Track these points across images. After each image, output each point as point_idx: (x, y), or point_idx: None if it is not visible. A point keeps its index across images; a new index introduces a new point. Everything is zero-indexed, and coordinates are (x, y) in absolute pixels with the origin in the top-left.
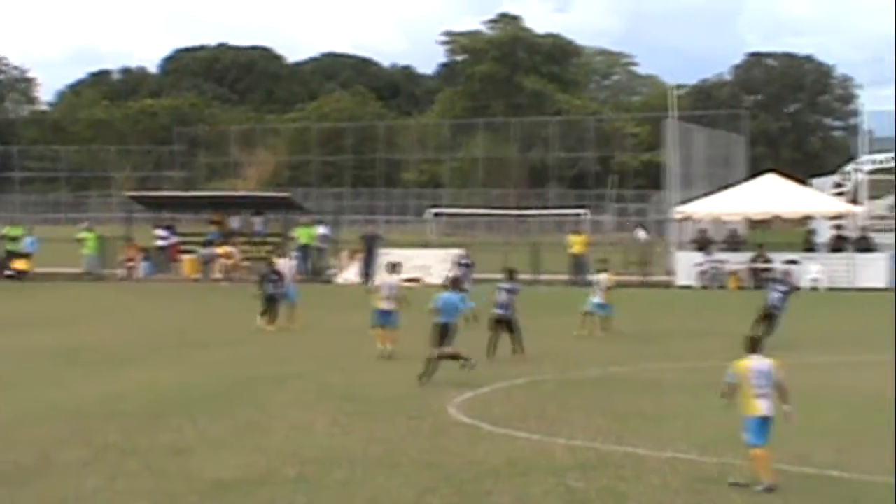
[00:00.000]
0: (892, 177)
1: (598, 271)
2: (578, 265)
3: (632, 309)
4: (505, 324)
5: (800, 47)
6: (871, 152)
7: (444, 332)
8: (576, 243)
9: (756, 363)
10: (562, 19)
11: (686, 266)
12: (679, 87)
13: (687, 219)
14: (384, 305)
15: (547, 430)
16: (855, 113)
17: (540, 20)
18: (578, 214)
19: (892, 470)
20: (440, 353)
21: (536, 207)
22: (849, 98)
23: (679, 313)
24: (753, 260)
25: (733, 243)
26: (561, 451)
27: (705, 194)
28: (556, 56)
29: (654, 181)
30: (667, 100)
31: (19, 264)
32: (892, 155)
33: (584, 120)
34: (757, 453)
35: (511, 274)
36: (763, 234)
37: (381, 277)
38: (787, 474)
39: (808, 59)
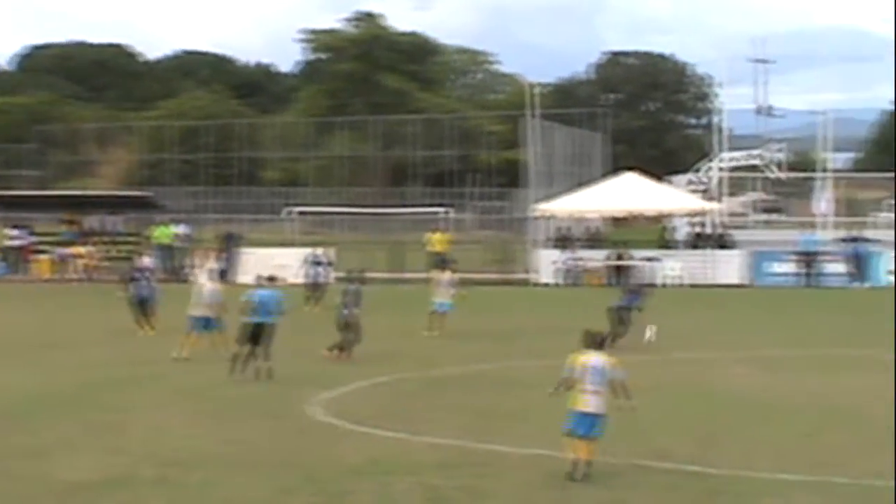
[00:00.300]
0: (749, 174)
1: (442, 270)
2: (439, 264)
3: (493, 307)
4: (351, 325)
5: (659, 46)
6: (729, 150)
7: (257, 333)
8: (437, 241)
9: (593, 360)
10: (422, 17)
11: (546, 264)
12: (539, 85)
13: (547, 217)
14: (202, 312)
15: (408, 428)
16: (712, 111)
17: (400, 18)
18: (439, 213)
19: (742, 462)
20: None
21: (397, 206)
22: (706, 96)
23: (539, 311)
24: (613, 257)
25: (593, 241)
26: (422, 450)
27: (565, 192)
28: (417, 54)
29: (514, 179)
30: (527, 98)
31: None
32: (749, 153)
33: (445, 118)
34: (571, 441)
35: (355, 274)
36: (623, 231)
37: (203, 283)
38: (648, 470)
39: (667, 57)
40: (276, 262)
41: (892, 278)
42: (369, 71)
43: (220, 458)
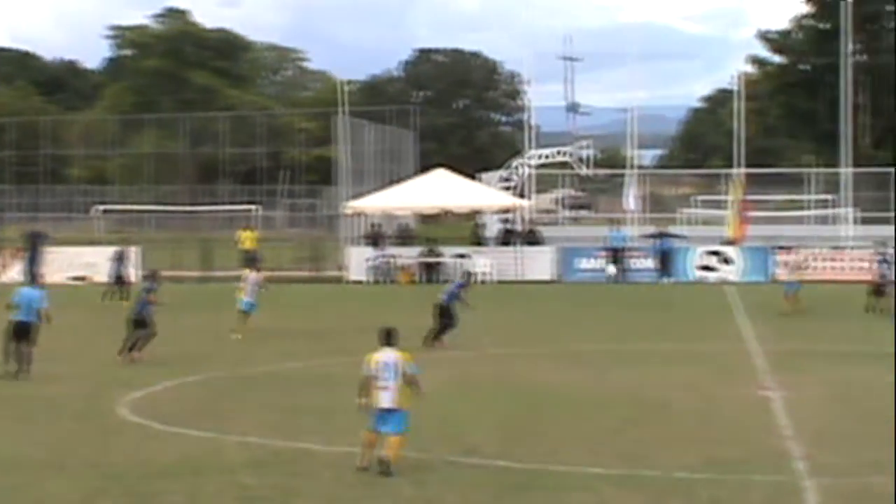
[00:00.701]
0: (558, 171)
1: (249, 269)
2: (249, 261)
3: (304, 304)
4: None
5: (468, 43)
6: (539, 147)
7: (20, 331)
8: (246, 239)
9: (384, 356)
10: (230, 14)
11: (357, 261)
12: (349, 82)
13: (358, 214)
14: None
15: (219, 427)
16: (521, 109)
17: (208, 14)
18: (250, 210)
19: (552, 457)
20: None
21: (207, 203)
22: (516, 94)
23: (351, 308)
24: (424, 254)
25: (404, 238)
26: (233, 449)
27: (376, 189)
28: (226, 51)
29: (325, 176)
30: (337, 95)
31: None
32: (558, 150)
33: (255, 115)
34: (369, 437)
35: (153, 274)
36: (434, 228)
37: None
38: (457, 465)
39: (476, 54)
40: (83, 261)
41: (698, 273)
42: (177, 68)
43: (27, 461)
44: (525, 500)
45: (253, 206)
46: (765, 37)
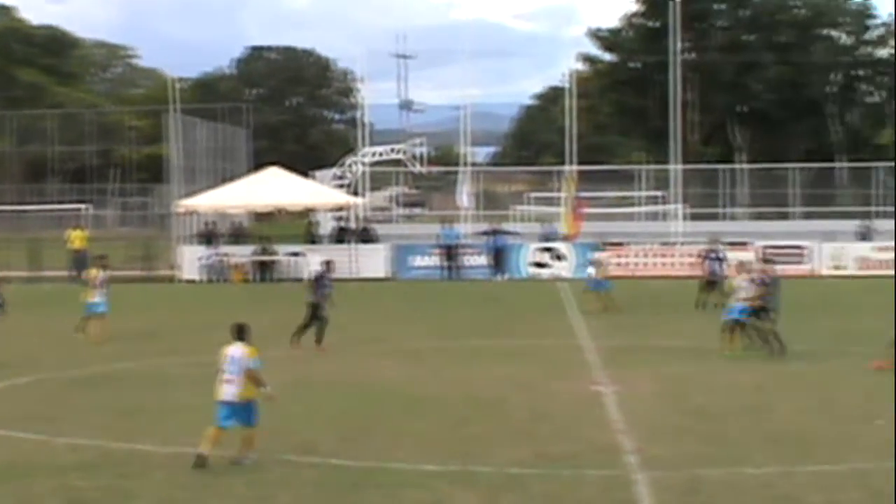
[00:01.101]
0: (392, 168)
1: (96, 269)
2: (79, 261)
3: (136, 304)
4: None
5: (301, 41)
6: (373, 145)
7: None
8: (76, 238)
9: (232, 350)
10: (58, 10)
11: (190, 260)
12: (181, 79)
13: (190, 212)
14: None
15: (49, 429)
16: (354, 107)
17: (35, 11)
18: (79, 209)
19: (387, 454)
20: None
21: (35, 203)
22: (349, 91)
23: (183, 307)
24: (257, 252)
25: (237, 236)
26: (64, 451)
27: (208, 188)
28: (53, 48)
29: (156, 175)
30: (168, 92)
31: None
32: (392, 147)
33: (84, 113)
34: (212, 432)
35: None
36: (267, 226)
37: None
38: (292, 464)
39: (309, 52)
40: None
41: (531, 270)
42: (3, 65)
43: None
44: (360, 497)
45: (83, 205)
46: (596, 35)
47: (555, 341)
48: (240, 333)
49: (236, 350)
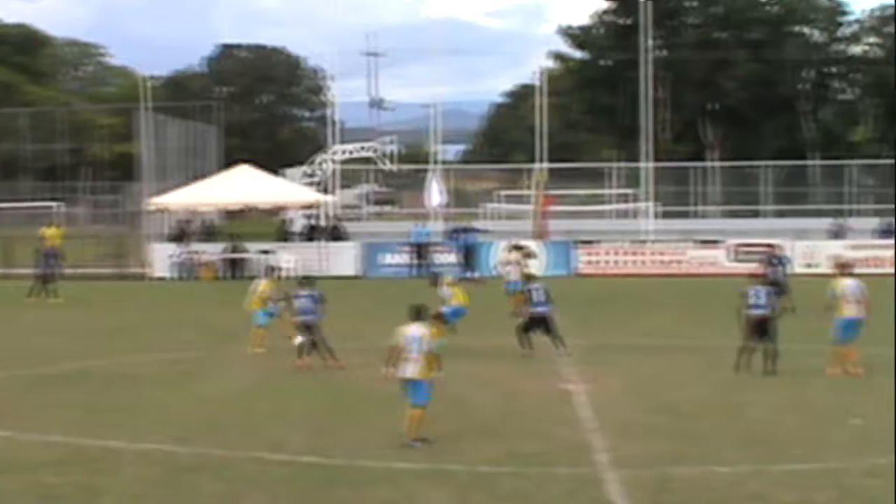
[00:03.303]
0: (363, 166)
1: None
2: (50, 257)
3: (107, 302)
4: None
5: (271, 39)
6: (343, 143)
7: None
8: (51, 236)
9: (412, 330)
10: (30, 9)
11: (161, 257)
12: (152, 78)
13: (161, 210)
14: None
15: (20, 426)
16: (325, 104)
17: (8, 9)
18: (52, 207)
19: (358, 452)
20: None
21: (8, 201)
22: (320, 89)
23: (154, 305)
24: (228, 250)
25: (208, 234)
26: (35, 448)
27: (179, 185)
28: (25, 46)
29: (128, 173)
30: (139, 91)
31: None
32: (362, 145)
33: (56, 111)
34: (415, 412)
35: None
36: (238, 224)
37: None
38: (263, 462)
39: (279, 50)
40: None
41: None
42: None
43: None
44: (331, 495)
45: (55, 203)
46: (566, 32)
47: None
48: (418, 314)
49: (417, 330)
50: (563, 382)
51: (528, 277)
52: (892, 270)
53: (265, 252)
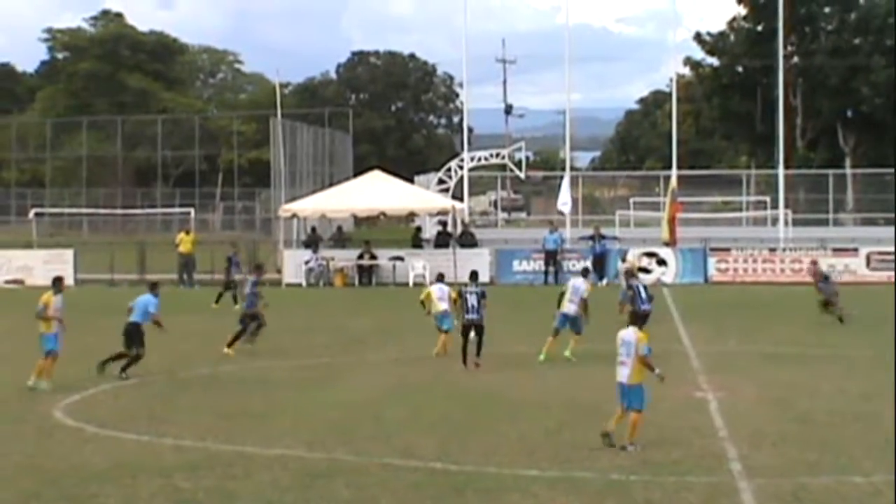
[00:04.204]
0: (494, 173)
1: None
2: (187, 264)
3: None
4: None
5: (403, 45)
6: (475, 149)
7: None
8: (184, 242)
9: (626, 334)
10: (166, 16)
11: (294, 264)
12: (285, 85)
13: (294, 216)
14: None
15: (155, 430)
16: (457, 111)
17: (143, 17)
18: (185, 213)
19: (488, 459)
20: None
21: (143, 206)
22: (451, 96)
23: (287, 311)
24: (360, 256)
25: (340, 240)
26: (169, 452)
27: (312, 192)
28: (161, 54)
29: (261, 179)
30: (273, 98)
31: None
32: (494, 152)
33: (190, 118)
34: (617, 411)
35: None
36: (369, 230)
37: None
38: (394, 468)
39: (412, 57)
40: (18, 264)
41: None
42: (112, 70)
43: None
44: (461, 501)
45: (189, 209)
46: (700, 39)
47: (659, 346)
48: (634, 319)
49: (630, 335)
50: (698, 390)
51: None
52: None
53: (396, 258)
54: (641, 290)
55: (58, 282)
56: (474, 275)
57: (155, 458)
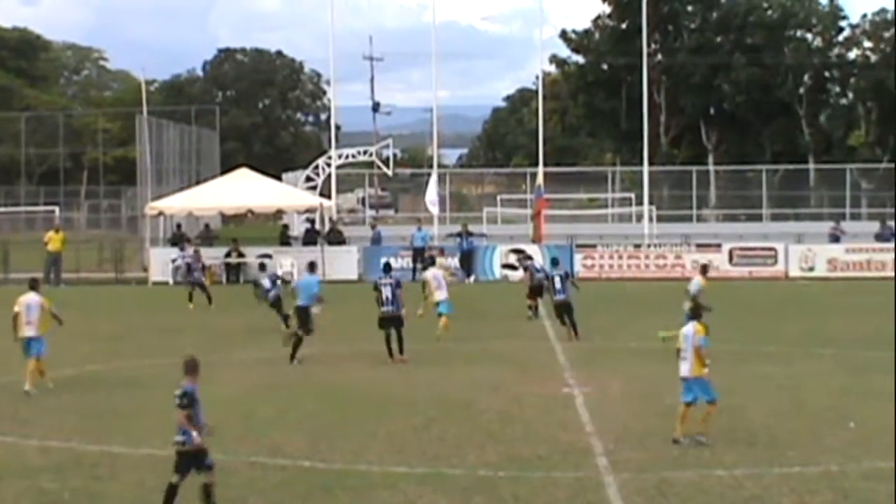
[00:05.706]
0: (362, 170)
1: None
2: (55, 262)
3: (107, 306)
4: None
5: (270, 43)
6: (343, 147)
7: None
8: (53, 240)
9: (686, 329)
10: (28, 13)
11: (160, 262)
12: (151, 82)
13: (161, 214)
14: None
15: (19, 431)
16: (324, 108)
17: (6, 13)
18: (50, 211)
19: (357, 456)
20: None
21: (6, 205)
22: (318, 94)
23: (154, 310)
24: (227, 254)
25: (207, 238)
26: (34, 453)
27: (179, 189)
28: (23, 51)
29: (127, 177)
30: (139, 95)
31: None
32: (361, 149)
33: (54, 115)
34: (682, 409)
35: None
36: (237, 228)
37: None
38: (262, 466)
39: (279, 54)
40: None
41: (501, 272)
42: None
43: None
44: (330, 500)
45: (54, 207)
46: (566, 37)
47: (526, 343)
48: (693, 314)
49: (688, 328)
50: (564, 386)
51: None
52: (892, 274)
53: (264, 256)
54: (557, 280)
55: None
56: (387, 266)
57: (19, 459)
